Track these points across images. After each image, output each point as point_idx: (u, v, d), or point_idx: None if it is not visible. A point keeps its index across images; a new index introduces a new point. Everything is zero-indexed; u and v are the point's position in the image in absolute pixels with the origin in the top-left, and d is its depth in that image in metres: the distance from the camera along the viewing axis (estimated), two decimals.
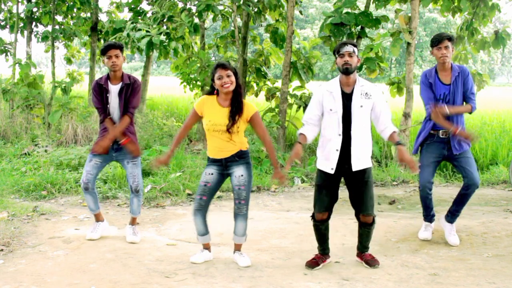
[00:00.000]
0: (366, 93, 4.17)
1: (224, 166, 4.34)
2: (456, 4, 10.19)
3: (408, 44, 9.08)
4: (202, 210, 4.39)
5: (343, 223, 5.70)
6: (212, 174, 4.35)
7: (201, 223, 4.43)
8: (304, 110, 9.06)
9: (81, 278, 4.04)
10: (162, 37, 9.51)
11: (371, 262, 4.40)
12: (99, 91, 4.85)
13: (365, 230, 4.38)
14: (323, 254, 4.52)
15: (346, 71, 4.15)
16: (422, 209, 5.11)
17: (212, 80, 4.29)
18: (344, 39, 9.27)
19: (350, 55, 4.14)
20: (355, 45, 4.21)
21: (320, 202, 4.32)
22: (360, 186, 4.23)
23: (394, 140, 4.18)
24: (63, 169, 7.99)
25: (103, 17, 16.27)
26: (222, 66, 4.23)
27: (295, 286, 3.96)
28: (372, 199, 4.28)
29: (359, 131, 4.14)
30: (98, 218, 5.18)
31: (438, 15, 48.26)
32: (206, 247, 4.55)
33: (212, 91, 4.35)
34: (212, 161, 4.37)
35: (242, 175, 4.30)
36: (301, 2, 11.63)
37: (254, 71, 11.40)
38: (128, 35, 9.86)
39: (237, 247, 4.53)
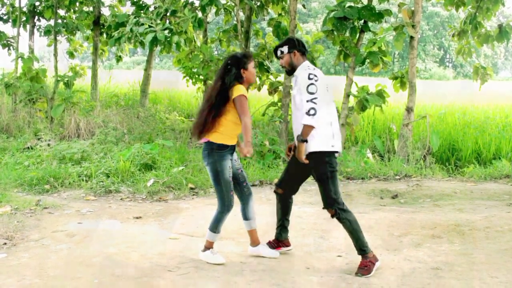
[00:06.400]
0: (296, 81, 4.18)
1: (233, 152, 4.36)
2: None
3: (411, 38, 9.05)
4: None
5: None
6: (231, 167, 4.28)
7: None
8: None
9: (84, 272, 4.05)
10: (166, 33, 9.46)
11: (358, 270, 4.09)
12: None
13: (340, 221, 4.18)
14: (278, 240, 4.54)
15: (286, 73, 4.38)
16: None
17: (244, 67, 4.19)
18: (347, 33, 9.27)
19: (280, 58, 4.29)
20: (280, 46, 4.27)
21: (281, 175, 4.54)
22: (316, 178, 4.19)
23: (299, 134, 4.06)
24: (66, 163, 8.00)
25: (105, 11, 16.28)
26: (253, 56, 4.30)
27: (297, 280, 3.97)
28: (327, 193, 4.10)
29: (296, 121, 4.15)
30: None
31: (442, 9, 48.11)
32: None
33: (241, 80, 4.21)
34: (231, 148, 4.27)
35: (236, 159, 4.42)
36: None
37: (257, 65, 11.37)
38: (131, 29, 9.82)
39: (254, 237, 4.46)
